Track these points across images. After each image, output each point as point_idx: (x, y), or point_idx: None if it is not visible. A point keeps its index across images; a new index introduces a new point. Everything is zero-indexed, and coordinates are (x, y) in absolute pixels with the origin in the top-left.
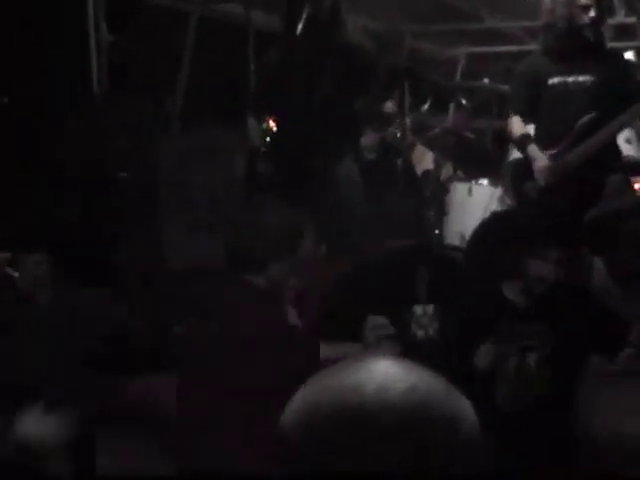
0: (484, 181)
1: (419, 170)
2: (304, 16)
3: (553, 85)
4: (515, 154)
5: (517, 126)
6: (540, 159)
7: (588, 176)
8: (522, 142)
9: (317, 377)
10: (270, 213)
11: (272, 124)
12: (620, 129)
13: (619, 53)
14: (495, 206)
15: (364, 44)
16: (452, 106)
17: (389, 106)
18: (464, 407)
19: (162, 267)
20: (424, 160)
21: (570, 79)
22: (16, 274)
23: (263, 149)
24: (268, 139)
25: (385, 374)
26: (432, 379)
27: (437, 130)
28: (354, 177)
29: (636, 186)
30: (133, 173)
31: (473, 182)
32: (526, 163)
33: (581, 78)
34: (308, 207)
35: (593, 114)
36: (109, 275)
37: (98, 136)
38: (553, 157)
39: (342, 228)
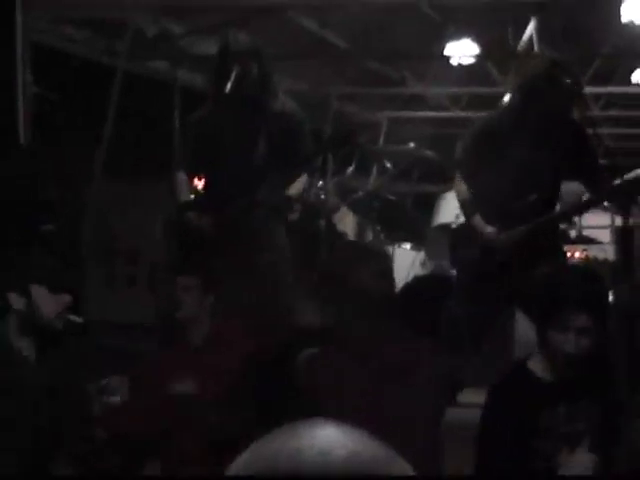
0: (407, 245)
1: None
2: (233, 77)
3: (511, 154)
4: (439, 220)
5: (463, 191)
6: (487, 232)
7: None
8: (469, 210)
9: (259, 441)
10: None
11: (198, 182)
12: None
13: (584, 128)
14: (418, 270)
15: (293, 107)
16: (376, 169)
17: (297, 187)
18: (407, 474)
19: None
20: (347, 222)
21: (526, 150)
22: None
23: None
24: (193, 197)
25: (327, 439)
26: (375, 446)
27: (360, 193)
28: (281, 238)
29: (576, 254)
30: (57, 224)
31: (396, 246)
32: (466, 230)
33: (540, 152)
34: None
35: (536, 195)
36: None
37: (23, 185)
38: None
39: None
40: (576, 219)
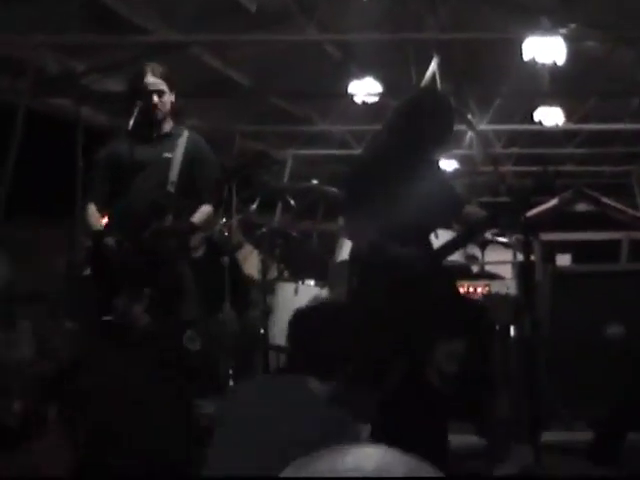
0: (310, 282)
1: (246, 269)
2: (147, 102)
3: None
4: (342, 256)
5: None
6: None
7: None
8: None
9: (301, 462)
10: None
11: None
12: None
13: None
14: None
15: (200, 138)
16: (279, 206)
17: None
18: None
19: None
20: (251, 260)
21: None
22: None
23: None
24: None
25: (384, 458)
26: (428, 467)
27: (264, 230)
28: (188, 278)
29: (478, 290)
30: None
31: (299, 282)
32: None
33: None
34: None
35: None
36: None
37: None
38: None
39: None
40: (478, 254)
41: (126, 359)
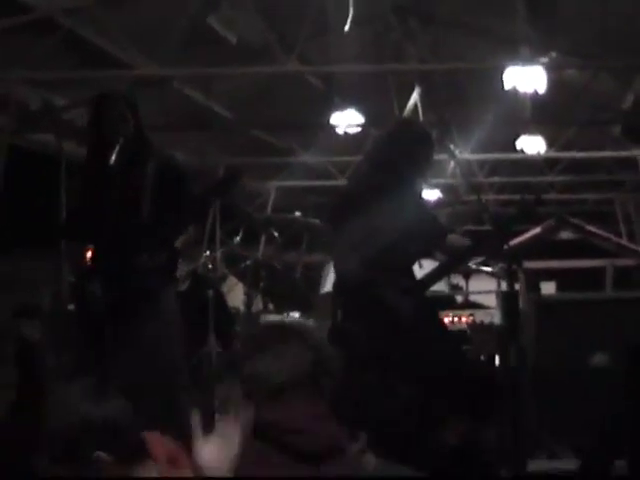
0: (295, 314)
1: (230, 302)
2: (110, 121)
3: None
4: (326, 287)
5: None
6: None
7: None
8: None
9: None
10: None
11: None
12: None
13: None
14: None
15: (170, 154)
16: (263, 239)
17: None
18: None
19: None
20: (235, 292)
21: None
22: None
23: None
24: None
25: None
26: None
27: (248, 262)
28: (174, 311)
29: (463, 319)
30: None
31: (284, 315)
32: None
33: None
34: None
35: None
36: None
37: None
38: None
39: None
40: (462, 284)
41: None
